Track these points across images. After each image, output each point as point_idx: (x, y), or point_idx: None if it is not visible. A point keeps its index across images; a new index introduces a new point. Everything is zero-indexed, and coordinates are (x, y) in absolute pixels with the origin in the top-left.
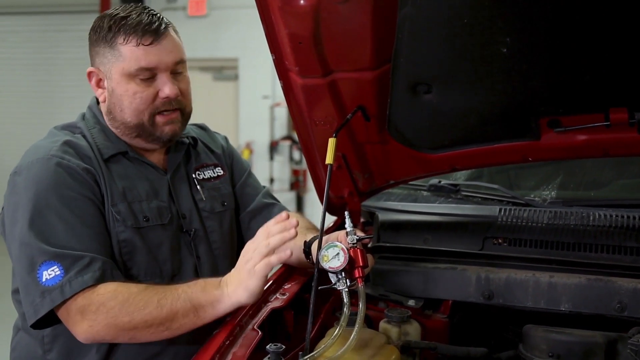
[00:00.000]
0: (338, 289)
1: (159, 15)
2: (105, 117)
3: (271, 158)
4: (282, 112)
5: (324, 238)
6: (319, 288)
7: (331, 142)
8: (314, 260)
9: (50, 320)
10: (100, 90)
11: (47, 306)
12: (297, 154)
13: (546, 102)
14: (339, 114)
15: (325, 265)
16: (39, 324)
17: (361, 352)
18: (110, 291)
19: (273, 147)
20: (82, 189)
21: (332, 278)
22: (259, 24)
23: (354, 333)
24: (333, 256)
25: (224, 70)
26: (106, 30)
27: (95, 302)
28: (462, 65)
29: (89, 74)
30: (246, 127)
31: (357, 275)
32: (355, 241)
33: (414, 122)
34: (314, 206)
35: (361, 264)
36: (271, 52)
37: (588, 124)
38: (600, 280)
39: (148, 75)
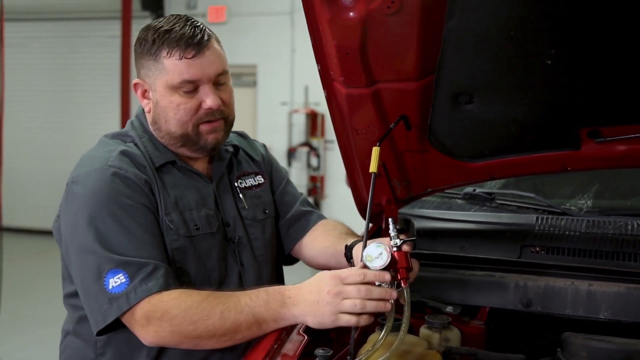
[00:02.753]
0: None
1: (202, 26)
2: (150, 127)
3: (289, 164)
4: (300, 118)
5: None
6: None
7: (375, 151)
8: (356, 264)
9: (113, 326)
10: (145, 101)
11: (115, 313)
12: (314, 161)
13: (587, 113)
14: (381, 123)
15: (369, 264)
16: (103, 330)
17: (404, 357)
18: (174, 298)
19: (291, 153)
20: (141, 198)
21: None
22: (278, 31)
23: (399, 337)
24: (376, 256)
25: (243, 77)
26: (150, 44)
27: (160, 309)
28: (505, 76)
29: (135, 86)
30: (264, 133)
31: (400, 277)
32: (398, 244)
33: (454, 132)
34: (332, 212)
35: (405, 265)
36: (317, 63)
37: (629, 135)
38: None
39: (191, 87)
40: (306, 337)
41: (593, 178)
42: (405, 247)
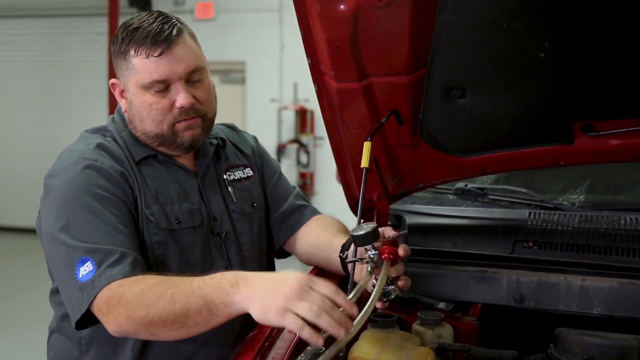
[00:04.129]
0: (364, 261)
1: (173, 22)
2: (128, 126)
3: (278, 161)
4: (290, 115)
5: None
6: (346, 260)
7: (366, 145)
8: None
9: (92, 319)
10: (123, 101)
11: (86, 302)
12: (304, 157)
13: (581, 107)
14: (373, 117)
15: (353, 232)
16: (82, 324)
17: (397, 353)
18: (131, 283)
19: (280, 150)
20: (115, 189)
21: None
22: (266, 27)
23: (368, 302)
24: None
25: (231, 74)
26: (120, 42)
27: (118, 294)
28: (498, 70)
29: (112, 85)
30: (253, 130)
31: (382, 252)
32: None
33: (446, 126)
34: (322, 209)
35: (389, 244)
36: (307, 57)
37: (622, 129)
38: (633, 284)
39: (162, 86)
40: (297, 334)
41: (585, 173)
42: (390, 232)
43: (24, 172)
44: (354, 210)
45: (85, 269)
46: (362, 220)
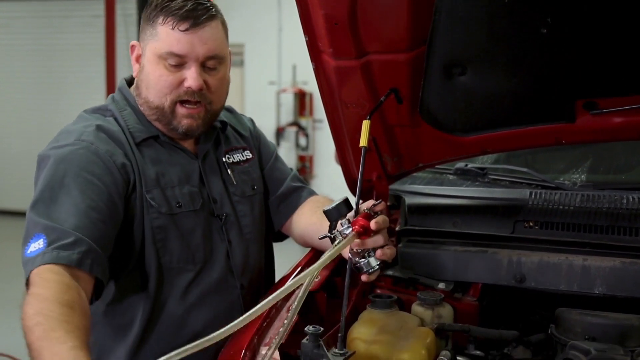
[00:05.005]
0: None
1: (209, 5)
2: (135, 91)
3: (277, 144)
4: (288, 98)
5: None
6: (320, 238)
7: (365, 124)
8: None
9: None
10: (137, 66)
11: (26, 276)
12: (303, 140)
13: (584, 84)
14: (371, 96)
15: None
16: None
17: (396, 333)
18: (38, 289)
19: (279, 133)
20: (103, 176)
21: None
22: (265, 10)
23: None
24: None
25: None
26: (152, 8)
27: (31, 290)
28: (500, 46)
29: (132, 48)
30: (252, 113)
31: (355, 224)
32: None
33: (446, 105)
34: (321, 192)
35: (362, 217)
36: (304, 34)
37: (626, 106)
38: (635, 264)
39: (177, 61)
40: (296, 316)
41: (587, 152)
42: (366, 205)
43: (22, 156)
44: (353, 191)
45: (36, 246)
46: (360, 201)
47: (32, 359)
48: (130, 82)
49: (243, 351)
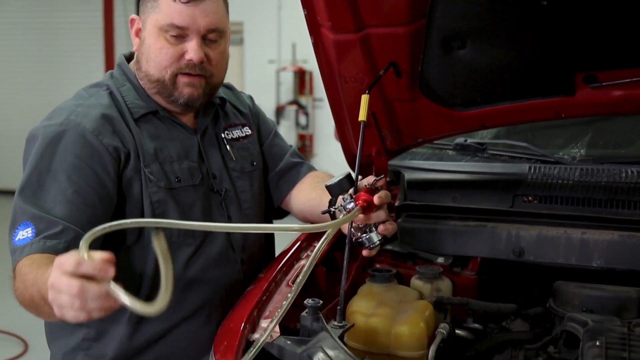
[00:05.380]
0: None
1: None
2: (135, 65)
3: (277, 123)
4: (288, 76)
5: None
6: (322, 212)
7: (364, 98)
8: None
9: None
10: (137, 40)
11: (13, 265)
12: (303, 119)
13: (584, 57)
14: (370, 70)
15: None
16: None
17: (395, 307)
18: (23, 265)
19: (279, 112)
20: (91, 159)
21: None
22: None
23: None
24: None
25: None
26: None
27: (17, 277)
28: (499, 19)
29: (131, 21)
30: (251, 92)
31: (358, 199)
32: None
33: (446, 79)
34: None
35: (364, 192)
36: (303, 8)
37: (626, 79)
38: (633, 237)
39: (178, 33)
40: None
41: (586, 127)
42: (367, 181)
43: (21, 136)
44: (352, 166)
45: (24, 234)
46: (360, 177)
47: (40, 309)
48: (129, 58)
49: (243, 324)
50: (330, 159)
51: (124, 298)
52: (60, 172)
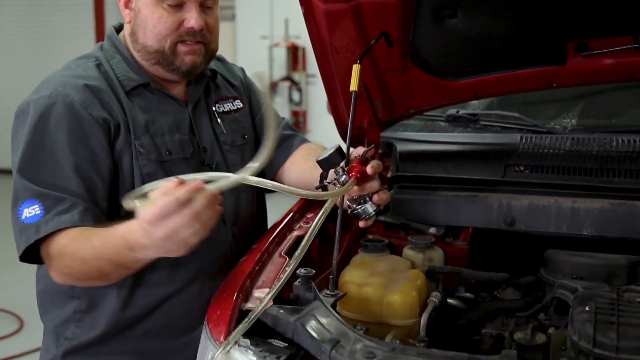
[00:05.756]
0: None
1: None
2: (128, 39)
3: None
4: (281, 52)
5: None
6: (316, 188)
7: (355, 68)
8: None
9: (38, 256)
10: (127, 11)
11: (23, 243)
12: (296, 95)
13: (575, 25)
14: (362, 40)
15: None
16: (26, 259)
17: (387, 276)
18: (69, 241)
19: (272, 88)
20: (82, 132)
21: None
22: None
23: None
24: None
25: (221, 10)
26: None
27: (56, 249)
28: None
29: None
30: (244, 68)
31: (351, 171)
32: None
33: (437, 48)
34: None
35: (357, 163)
36: None
37: (616, 47)
38: (623, 205)
39: (176, 1)
40: (288, 259)
41: (578, 97)
42: (357, 152)
43: (10, 112)
44: (344, 138)
45: (31, 212)
46: (351, 148)
47: (109, 276)
48: (119, 29)
49: (236, 294)
50: (325, 135)
51: (223, 182)
52: (55, 148)
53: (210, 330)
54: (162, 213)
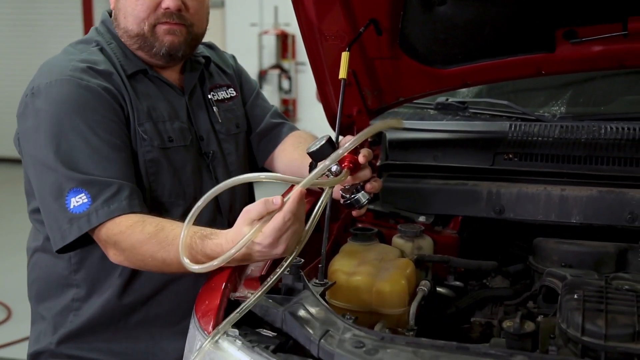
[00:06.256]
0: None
1: None
2: (114, 24)
3: (260, 87)
4: (270, 40)
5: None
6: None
7: (344, 56)
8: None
9: (75, 244)
10: None
11: (75, 233)
12: (286, 83)
13: (563, 11)
14: (351, 28)
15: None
16: (64, 249)
17: (377, 265)
18: (124, 230)
19: (262, 76)
20: (106, 111)
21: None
22: None
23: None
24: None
25: None
26: None
27: (112, 238)
28: None
29: None
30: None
31: (343, 161)
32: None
33: (426, 36)
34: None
35: (349, 156)
36: None
37: (605, 34)
38: (611, 192)
39: None
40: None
41: (567, 84)
42: (346, 141)
43: (1, 102)
44: (334, 126)
45: (78, 200)
46: (340, 137)
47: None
48: (111, 14)
49: (224, 283)
50: (315, 123)
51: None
52: (86, 130)
53: (199, 320)
54: (280, 234)
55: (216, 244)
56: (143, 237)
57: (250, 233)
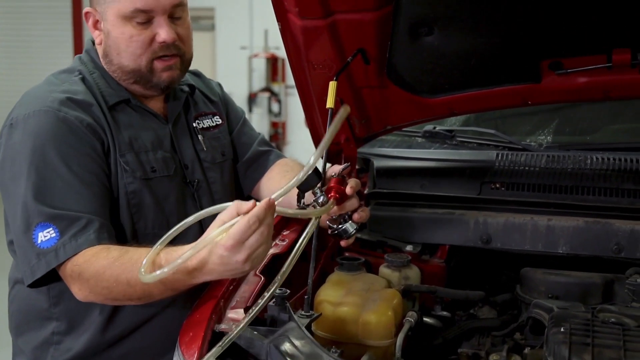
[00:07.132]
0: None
1: None
2: (102, 61)
3: (250, 110)
4: (260, 63)
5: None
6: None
7: (332, 85)
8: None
9: (47, 279)
10: (97, 32)
11: (43, 269)
12: (275, 106)
13: (549, 44)
14: (338, 57)
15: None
16: (35, 284)
17: (363, 295)
18: (87, 259)
19: (251, 99)
20: (81, 145)
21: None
22: None
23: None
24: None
25: (200, 21)
26: None
27: (77, 269)
28: (466, 6)
29: (86, 15)
30: (224, 78)
31: (330, 192)
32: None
33: (414, 65)
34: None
35: (334, 182)
36: None
37: (590, 66)
38: (598, 223)
39: (144, 18)
40: (262, 278)
41: (553, 114)
42: (333, 170)
43: None
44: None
45: (46, 235)
46: (327, 165)
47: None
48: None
49: (209, 314)
50: (304, 146)
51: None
52: (59, 165)
53: (182, 353)
54: (243, 237)
55: (179, 253)
56: (107, 262)
57: (215, 232)
